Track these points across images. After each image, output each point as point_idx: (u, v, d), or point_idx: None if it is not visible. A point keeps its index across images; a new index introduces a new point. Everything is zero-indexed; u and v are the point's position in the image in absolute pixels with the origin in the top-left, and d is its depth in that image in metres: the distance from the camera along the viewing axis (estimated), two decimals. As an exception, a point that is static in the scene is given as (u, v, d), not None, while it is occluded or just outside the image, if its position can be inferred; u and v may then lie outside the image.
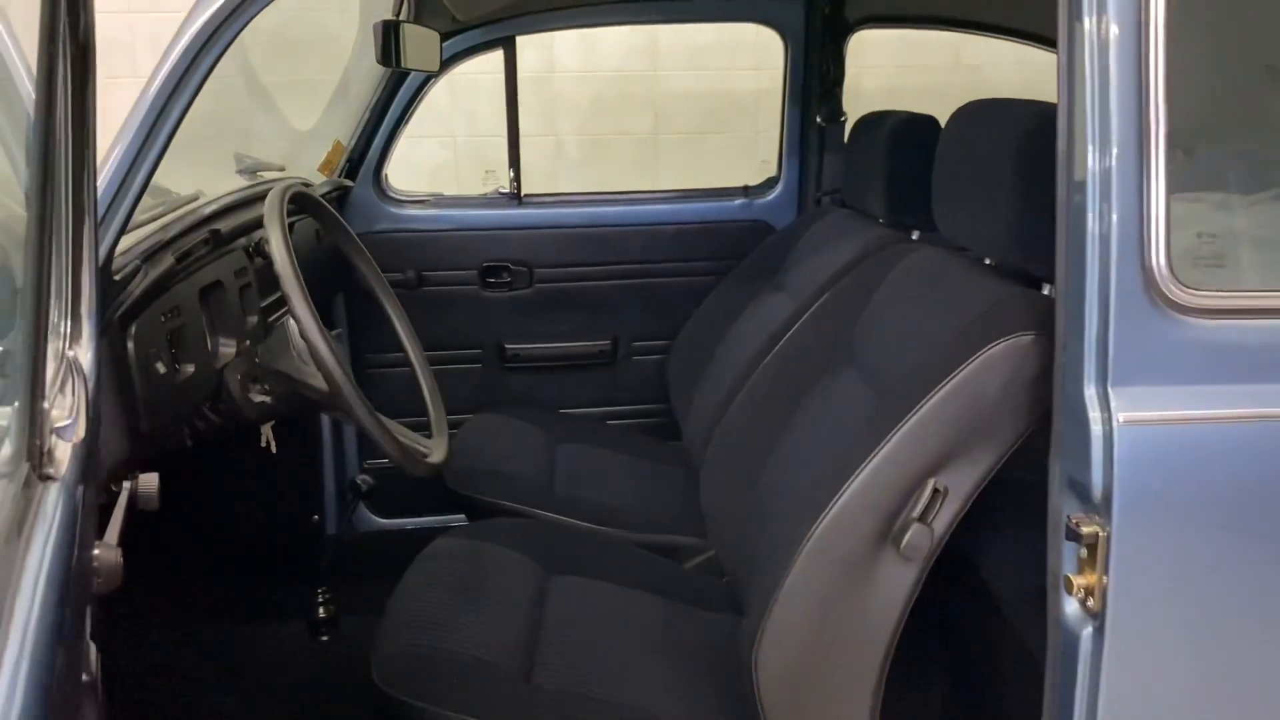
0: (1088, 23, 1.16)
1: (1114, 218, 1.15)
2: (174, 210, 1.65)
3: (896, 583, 1.37)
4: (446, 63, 2.57)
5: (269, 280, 1.87)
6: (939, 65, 3.67)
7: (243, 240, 1.83)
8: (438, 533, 1.95)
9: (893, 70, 3.60)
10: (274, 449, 1.76)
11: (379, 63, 1.89)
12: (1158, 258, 1.16)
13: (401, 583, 1.76)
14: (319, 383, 1.50)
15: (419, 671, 1.54)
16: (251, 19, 1.40)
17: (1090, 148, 1.16)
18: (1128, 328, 1.16)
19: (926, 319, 1.56)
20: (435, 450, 1.72)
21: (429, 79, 2.59)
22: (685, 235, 2.79)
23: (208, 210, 1.71)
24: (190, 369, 1.52)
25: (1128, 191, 1.15)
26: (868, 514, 1.34)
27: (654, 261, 2.79)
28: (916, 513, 1.33)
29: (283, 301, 1.86)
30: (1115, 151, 1.15)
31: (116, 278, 1.34)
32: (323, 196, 2.34)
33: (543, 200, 2.78)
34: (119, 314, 1.34)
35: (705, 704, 1.55)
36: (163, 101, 1.32)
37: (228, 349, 1.66)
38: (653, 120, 3.80)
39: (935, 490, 1.33)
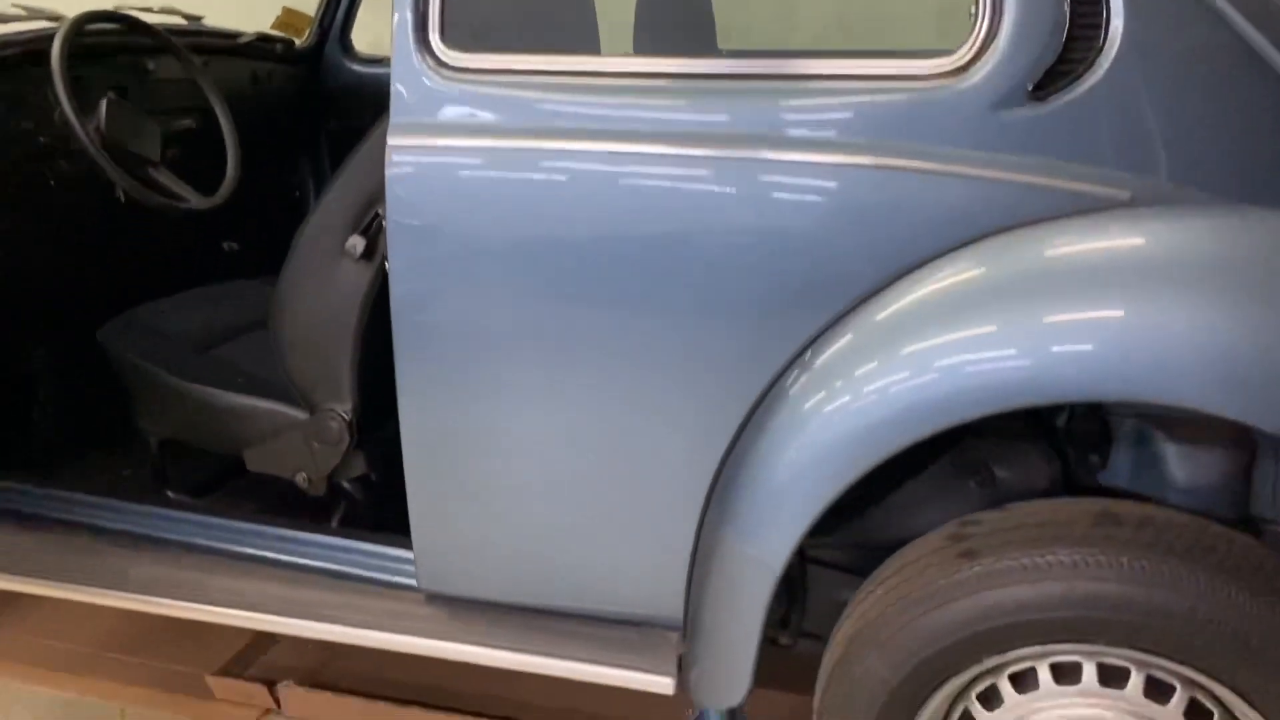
0: None
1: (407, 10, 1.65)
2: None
3: (356, 278, 1.92)
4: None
5: (143, 89, 2.69)
6: None
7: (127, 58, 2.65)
8: None
9: None
10: (123, 199, 2.55)
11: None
12: (435, 34, 1.65)
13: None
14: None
15: (125, 334, 2.31)
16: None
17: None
18: (413, 82, 1.66)
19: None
20: (201, 202, 2.45)
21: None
22: None
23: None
24: (31, 124, 2.36)
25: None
26: (329, 232, 1.92)
27: None
28: (360, 230, 1.89)
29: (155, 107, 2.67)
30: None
31: None
32: (263, 43, 3.14)
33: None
34: None
35: None
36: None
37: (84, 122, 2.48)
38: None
39: (376, 214, 1.89)
